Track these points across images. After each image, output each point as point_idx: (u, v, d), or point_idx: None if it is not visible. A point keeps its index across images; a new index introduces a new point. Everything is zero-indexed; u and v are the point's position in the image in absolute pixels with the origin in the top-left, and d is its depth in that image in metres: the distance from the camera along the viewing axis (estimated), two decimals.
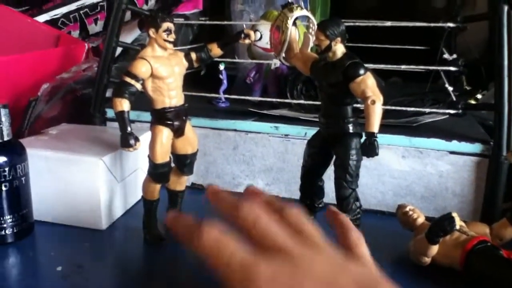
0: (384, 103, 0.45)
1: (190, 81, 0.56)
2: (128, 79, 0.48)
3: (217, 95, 0.78)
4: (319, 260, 0.23)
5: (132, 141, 0.48)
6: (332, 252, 0.26)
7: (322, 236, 0.27)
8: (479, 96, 0.85)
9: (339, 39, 0.46)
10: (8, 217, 0.51)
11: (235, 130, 0.67)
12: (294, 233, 0.26)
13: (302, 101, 0.71)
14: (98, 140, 0.61)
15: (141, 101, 0.51)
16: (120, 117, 0.47)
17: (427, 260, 0.47)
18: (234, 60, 0.86)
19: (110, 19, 0.73)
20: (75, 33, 0.99)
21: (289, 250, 0.23)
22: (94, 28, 1.00)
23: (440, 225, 0.46)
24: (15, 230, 0.51)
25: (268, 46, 0.55)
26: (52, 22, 0.98)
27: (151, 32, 0.49)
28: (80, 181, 0.55)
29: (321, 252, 0.25)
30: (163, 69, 0.49)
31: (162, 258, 0.51)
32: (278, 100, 0.73)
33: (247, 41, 0.54)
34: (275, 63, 0.78)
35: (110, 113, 0.72)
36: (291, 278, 0.22)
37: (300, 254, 0.23)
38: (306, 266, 0.23)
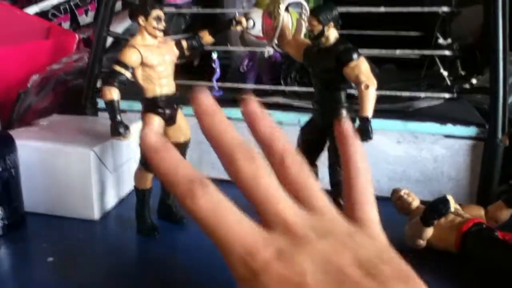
0: (379, 89, 0.45)
1: (183, 70, 0.55)
2: (118, 68, 0.47)
3: (210, 84, 0.77)
4: (322, 238, 0.22)
5: (122, 130, 0.47)
6: (335, 221, 0.23)
7: (325, 196, 0.25)
8: (474, 81, 0.84)
9: (332, 24, 0.46)
10: None
11: (229, 118, 0.66)
12: (296, 193, 0.24)
13: (296, 88, 0.71)
14: (90, 131, 0.60)
15: (133, 90, 0.50)
16: (110, 105, 0.47)
17: (423, 243, 0.47)
18: (227, 48, 0.85)
19: (101, 9, 0.72)
20: (66, 24, 0.98)
21: (291, 225, 0.22)
22: (85, 19, 0.99)
23: (434, 208, 0.46)
24: (6, 223, 0.51)
25: (261, 34, 0.54)
26: (42, 14, 0.97)
27: (141, 20, 0.48)
28: (71, 172, 0.54)
29: (324, 225, 0.23)
30: (153, 57, 0.48)
31: (155, 249, 0.50)
32: (272, 87, 0.72)
33: (238, 28, 0.53)
34: (269, 51, 0.77)
35: (101, 103, 0.71)
36: (292, 258, 0.20)
37: (304, 233, 0.22)
38: (308, 246, 0.21)
